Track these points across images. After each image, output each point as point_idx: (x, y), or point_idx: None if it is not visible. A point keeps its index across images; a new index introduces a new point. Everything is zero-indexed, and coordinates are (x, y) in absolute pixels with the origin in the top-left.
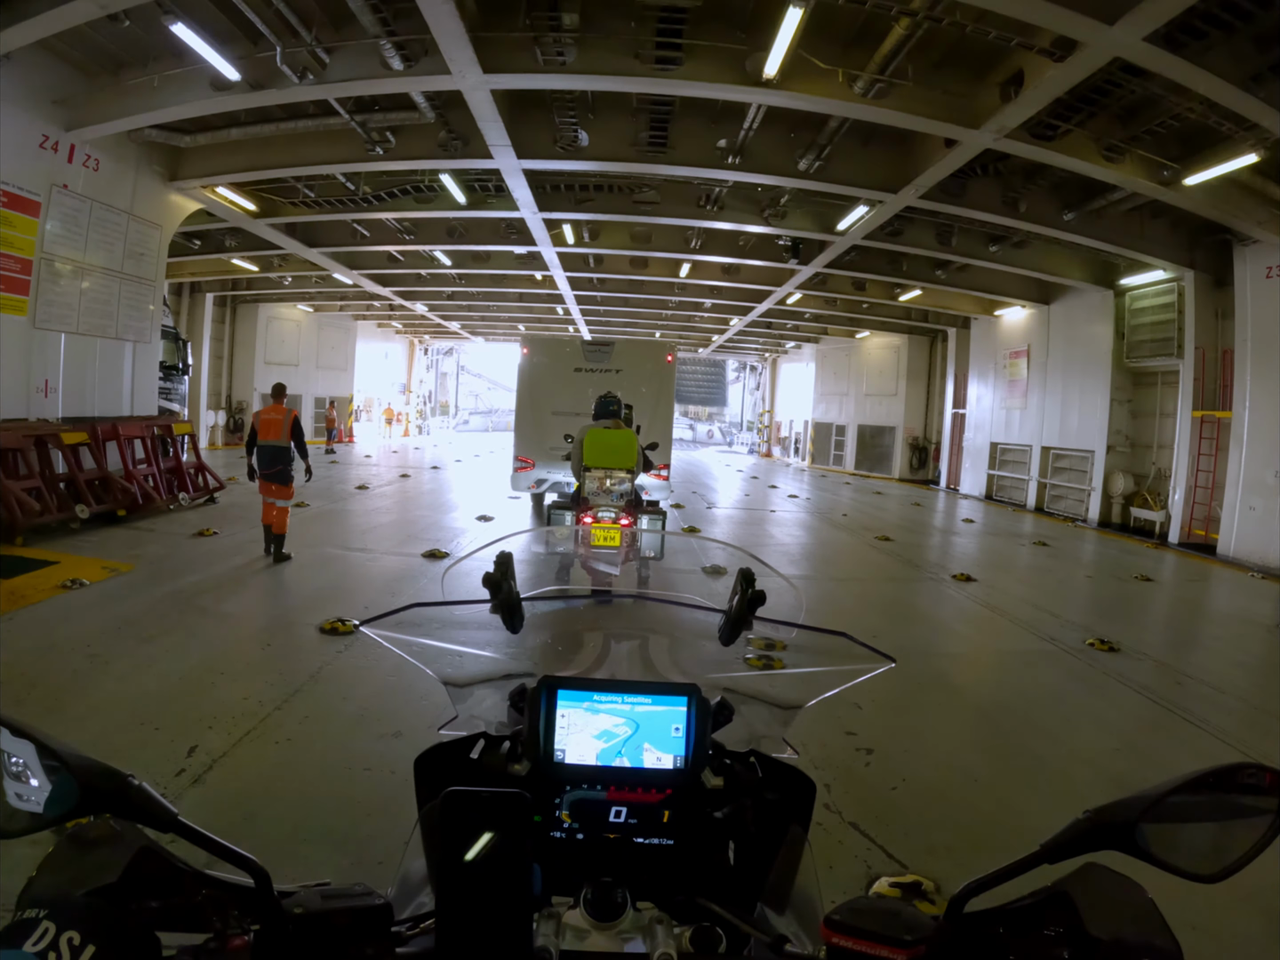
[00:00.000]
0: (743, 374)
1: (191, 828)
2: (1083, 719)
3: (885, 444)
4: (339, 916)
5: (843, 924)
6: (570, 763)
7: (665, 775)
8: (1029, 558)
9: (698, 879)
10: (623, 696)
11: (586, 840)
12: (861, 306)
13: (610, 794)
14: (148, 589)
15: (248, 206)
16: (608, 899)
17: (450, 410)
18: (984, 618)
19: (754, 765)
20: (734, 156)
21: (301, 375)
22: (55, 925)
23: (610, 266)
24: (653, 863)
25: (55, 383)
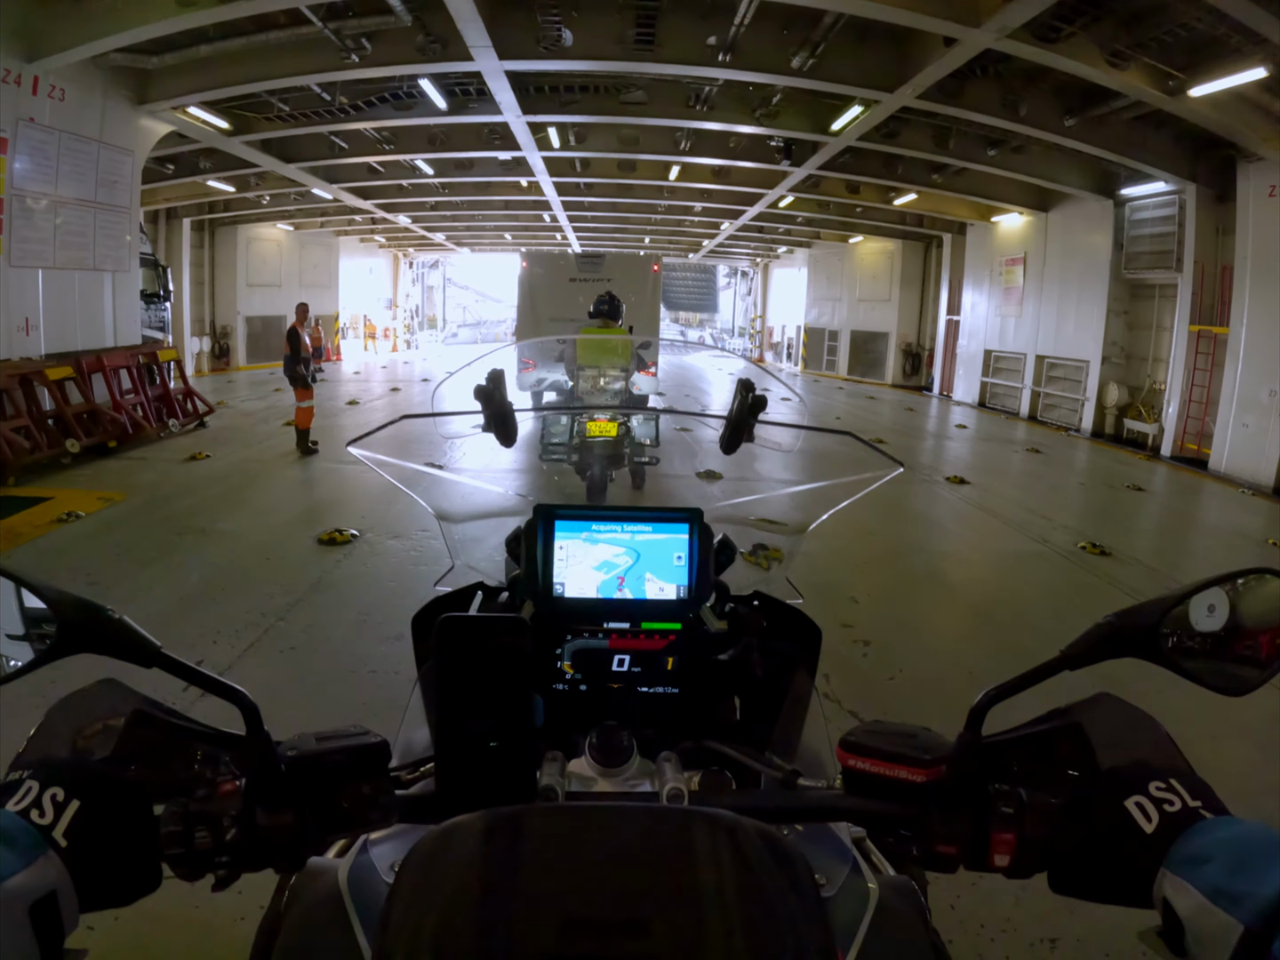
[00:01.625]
0: (734, 280)
1: (176, 660)
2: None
3: (878, 350)
4: (334, 755)
5: (859, 745)
6: (570, 596)
7: (668, 606)
8: (1022, 463)
9: (704, 728)
10: (622, 525)
11: (590, 691)
12: (855, 210)
13: (612, 642)
14: (143, 515)
15: (220, 125)
16: (613, 743)
17: (438, 324)
18: (977, 519)
19: (758, 609)
20: (725, 54)
21: (285, 295)
22: (39, 783)
23: (598, 171)
24: (658, 712)
25: (36, 320)
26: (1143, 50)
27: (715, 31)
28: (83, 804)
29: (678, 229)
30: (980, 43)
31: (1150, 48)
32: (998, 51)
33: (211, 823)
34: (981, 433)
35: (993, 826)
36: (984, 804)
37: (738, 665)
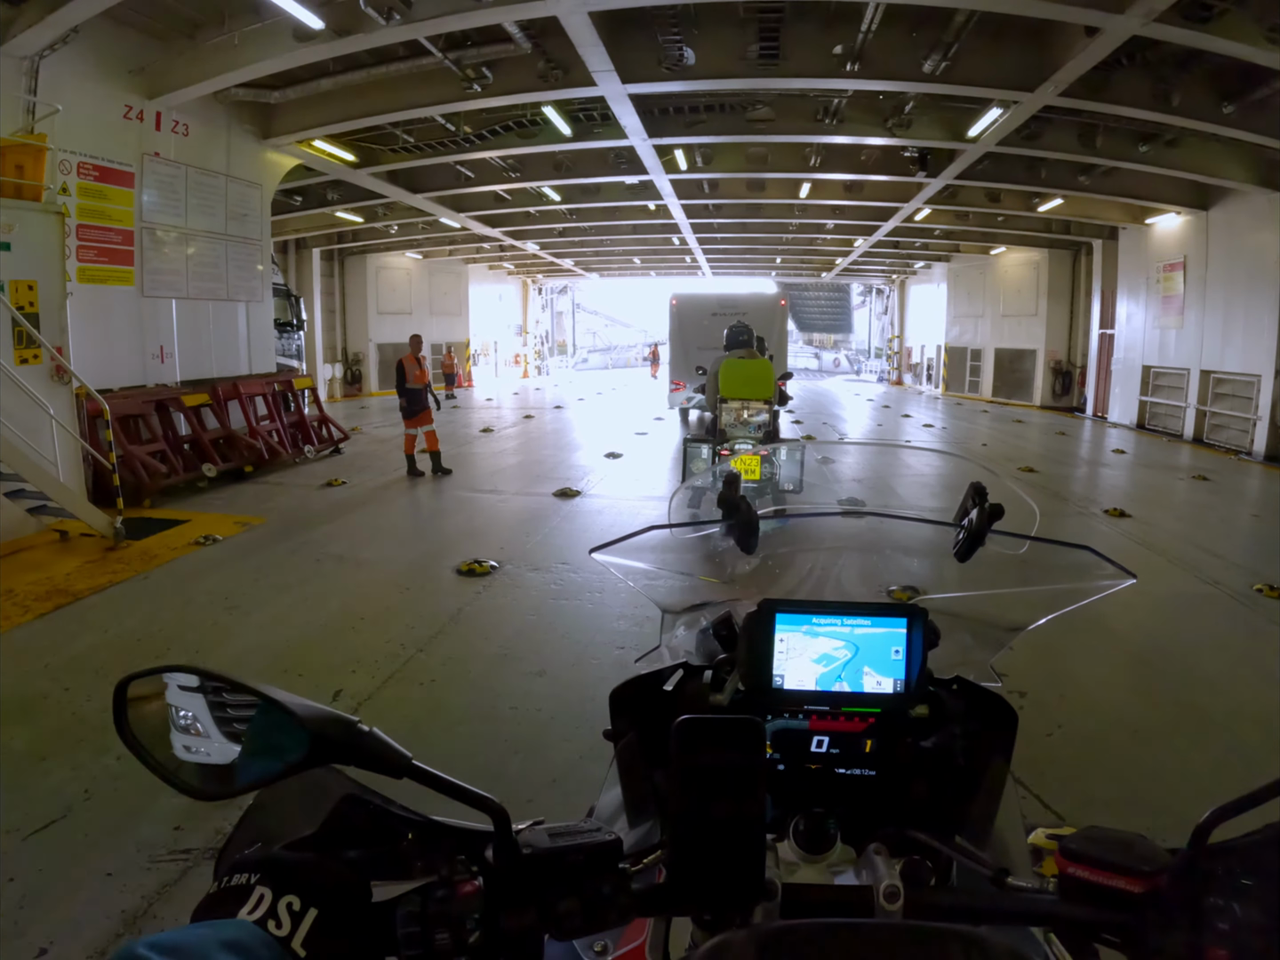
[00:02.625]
0: (868, 298)
1: (428, 771)
2: (1249, 671)
3: (1025, 368)
4: (572, 854)
5: (1079, 853)
6: (789, 688)
7: (885, 700)
8: (1188, 493)
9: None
10: (842, 619)
11: (788, 771)
12: (996, 220)
13: (812, 723)
14: (281, 540)
15: (346, 158)
16: (819, 830)
17: (568, 349)
18: (1139, 556)
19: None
20: (852, 63)
21: (415, 323)
22: (271, 890)
23: (726, 191)
24: (853, 795)
25: (170, 348)
26: None
27: (841, 40)
28: (321, 913)
29: (809, 248)
30: (1125, 29)
31: None
32: (1145, 38)
33: (453, 924)
34: (1141, 458)
35: (1207, 941)
36: (1199, 919)
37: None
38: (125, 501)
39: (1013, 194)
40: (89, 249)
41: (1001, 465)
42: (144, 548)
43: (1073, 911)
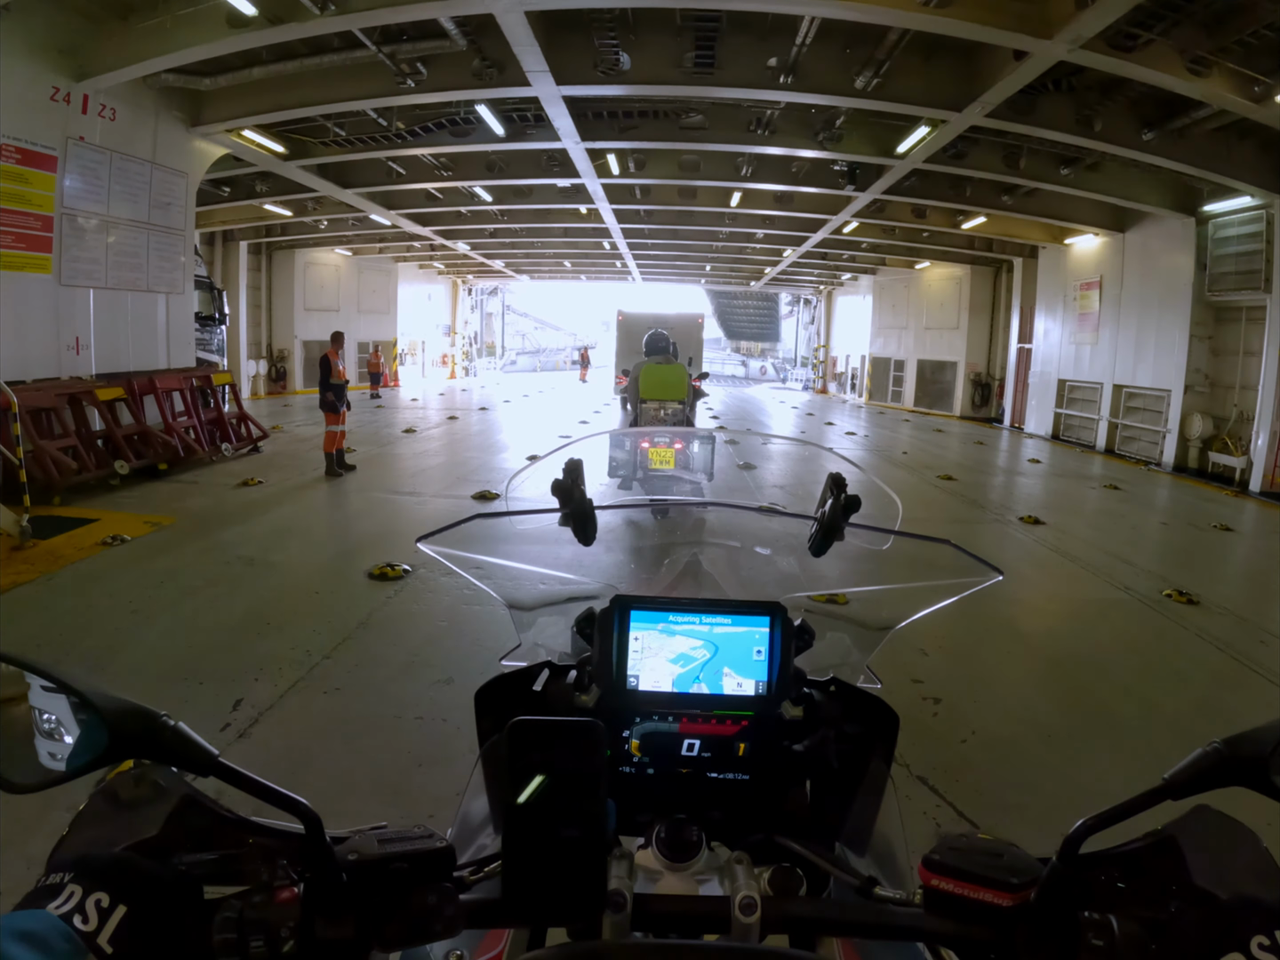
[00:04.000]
0: (796, 308)
1: (234, 769)
2: (1160, 674)
3: (946, 380)
4: (397, 862)
5: (942, 864)
6: (644, 689)
7: (746, 701)
8: (1100, 501)
9: (773, 817)
10: (701, 617)
11: (657, 775)
12: (922, 235)
13: (683, 726)
14: (191, 541)
15: (276, 149)
16: (681, 837)
17: (497, 351)
18: (1053, 563)
19: (835, 695)
20: (786, 75)
21: (343, 320)
22: (82, 888)
23: (658, 198)
24: (726, 799)
25: (87, 339)
26: (1226, 55)
27: (776, 52)
28: (130, 910)
29: (739, 256)
30: (1053, 55)
31: (1234, 52)
32: (1071, 64)
33: (268, 931)
34: (1056, 468)
35: (1082, 956)
36: (1073, 934)
37: (812, 754)
38: (33, 499)
39: (938, 211)
40: (6, 234)
41: (921, 473)
42: (51, 547)
43: (936, 926)
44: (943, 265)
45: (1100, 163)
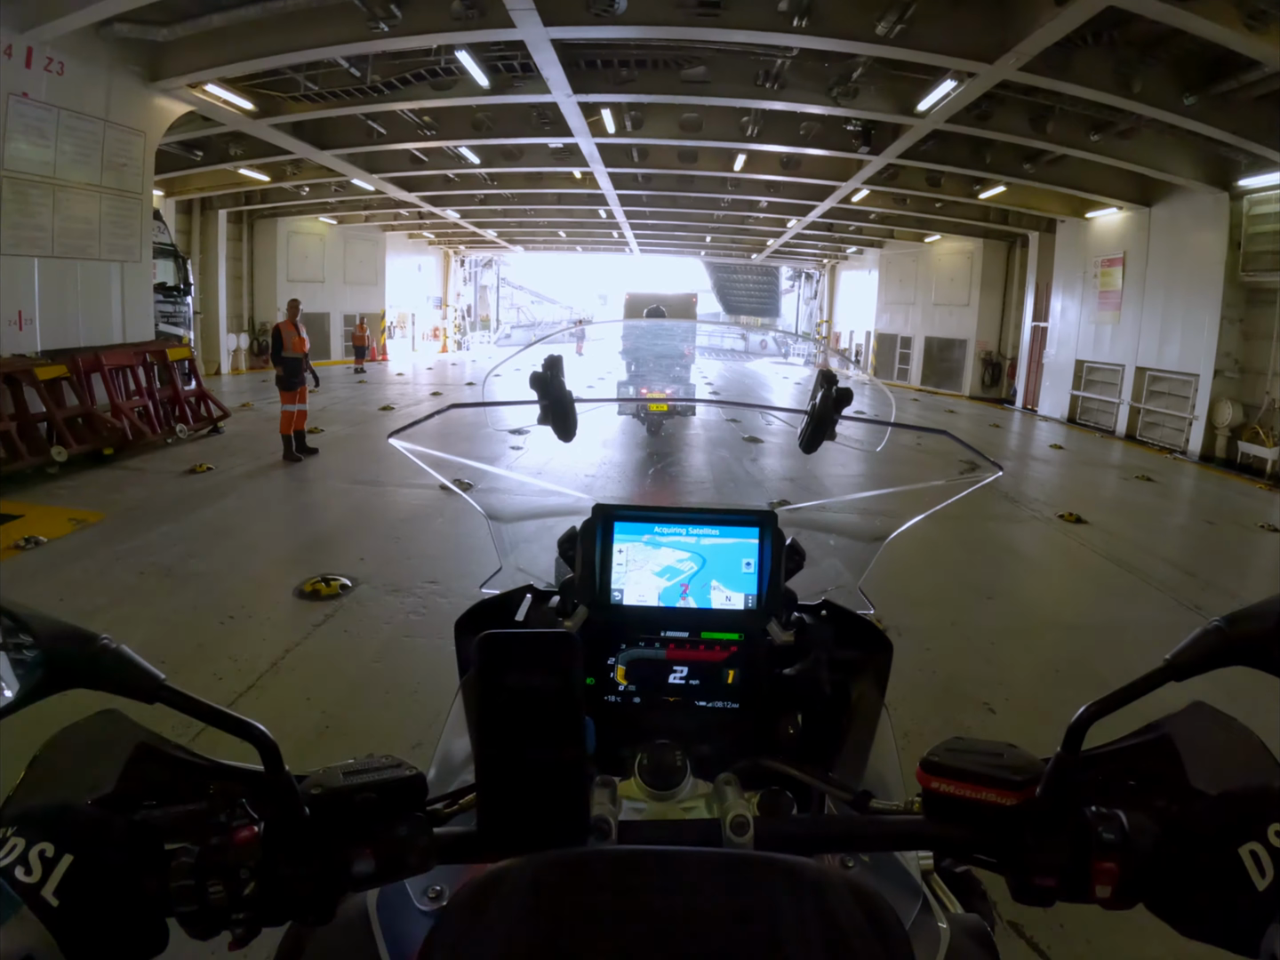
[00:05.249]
0: (798, 282)
1: (182, 693)
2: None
3: (955, 358)
4: (363, 793)
5: (941, 765)
6: (629, 604)
7: (735, 617)
8: (1136, 495)
9: (764, 745)
10: (688, 528)
11: (644, 704)
12: (935, 206)
13: (670, 652)
14: (112, 543)
15: (244, 105)
16: (665, 764)
17: (491, 324)
18: (1108, 574)
19: (826, 619)
20: (800, 18)
21: (328, 292)
22: (25, 839)
23: (656, 160)
24: (716, 728)
25: (31, 313)
26: None
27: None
28: (76, 859)
29: (741, 226)
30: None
31: None
32: (1113, 16)
33: (227, 875)
34: (1080, 455)
35: (1093, 854)
36: (1082, 830)
37: (804, 680)
38: None
39: (954, 179)
40: None
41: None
42: None
43: (938, 831)
44: (954, 239)
45: (1134, 129)
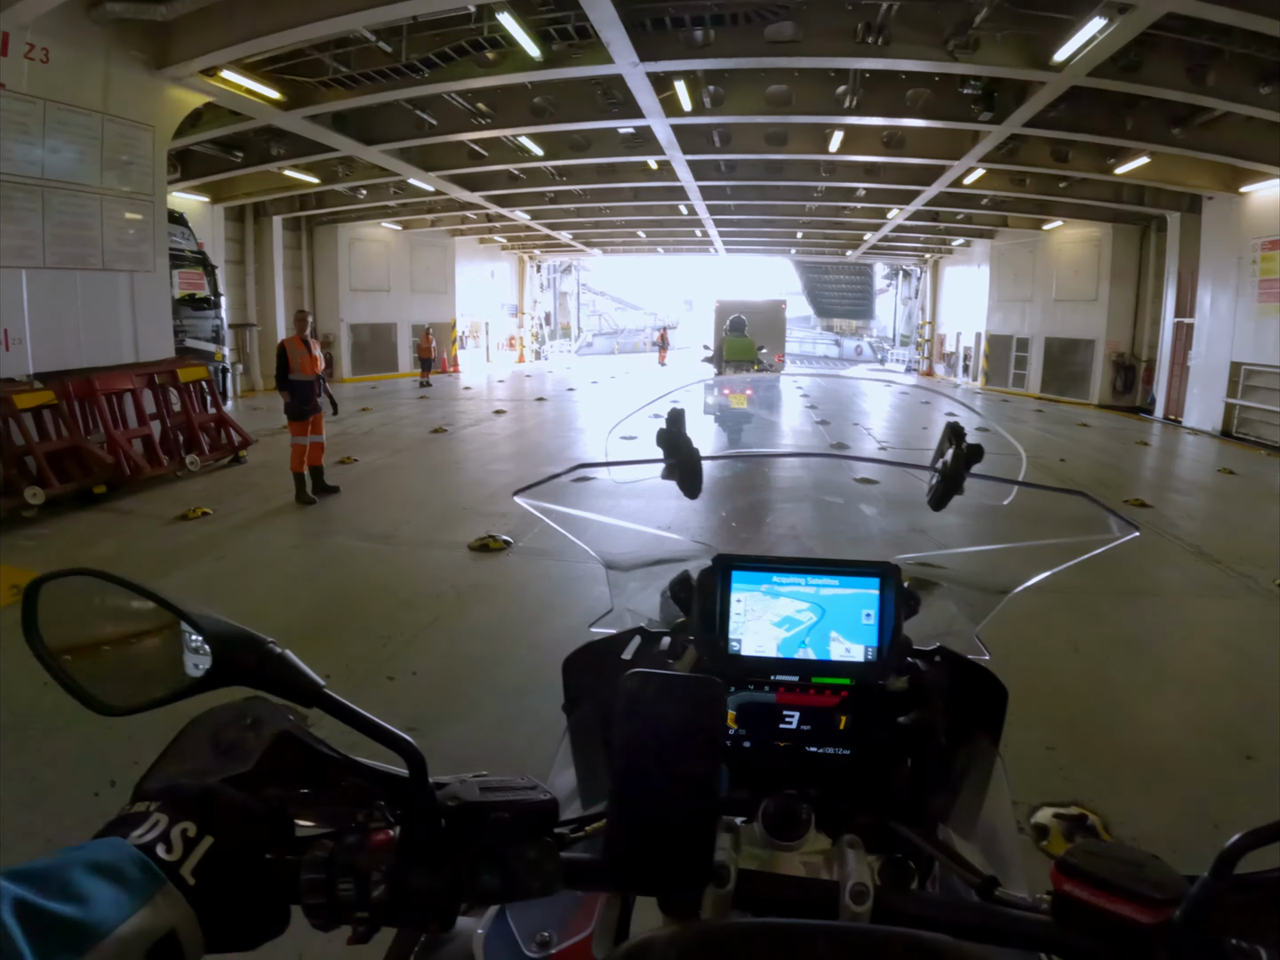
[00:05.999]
0: (894, 281)
1: (339, 701)
2: None
3: (1080, 361)
4: (499, 811)
5: (1079, 869)
6: (747, 654)
7: (853, 669)
8: None
9: (876, 796)
10: (806, 578)
11: (754, 749)
12: (1058, 186)
13: (780, 696)
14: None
15: (269, 94)
16: (790, 815)
17: (572, 333)
18: None
19: (941, 665)
20: None
21: (395, 301)
22: (168, 816)
23: (740, 144)
24: (826, 775)
25: (19, 332)
26: None
27: None
28: (217, 841)
29: (835, 219)
30: None
31: None
32: None
33: (358, 876)
34: (1262, 484)
35: None
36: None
37: (919, 728)
38: None
39: (1086, 151)
40: None
41: (1097, 493)
42: None
43: (1068, 939)
44: (1077, 225)
45: None
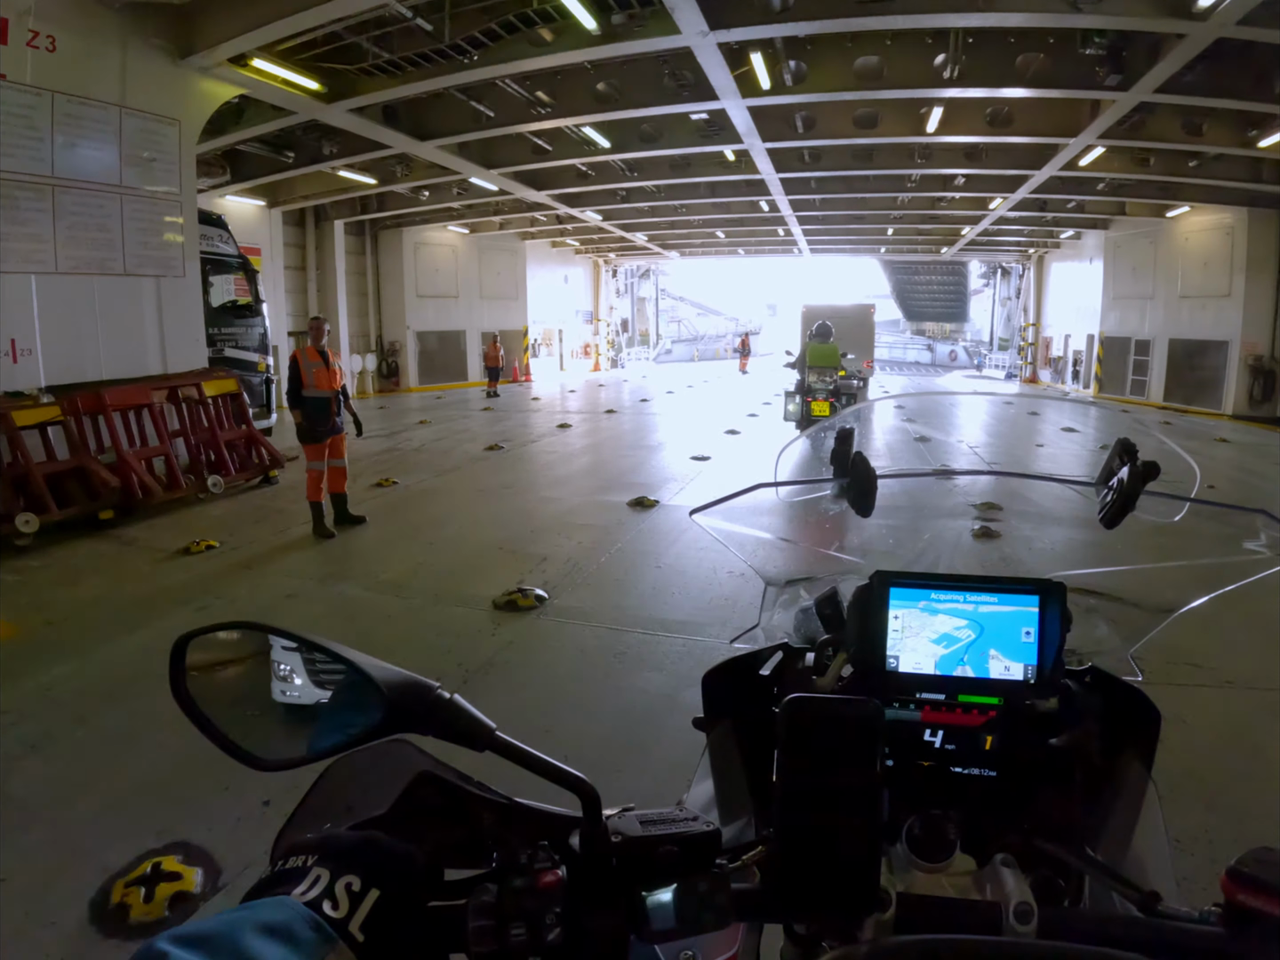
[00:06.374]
0: (992, 280)
1: (512, 744)
2: None
3: (1211, 365)
4: (666, 844)
5: (1254, 878)
6: (905, 671)
7: (1015, 688)
8: None
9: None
10: (965, 595)
11: (896, 767)
12: (1188, 165)
13: (925, 714)
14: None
15: (307, 85)
16: (938, 835)
17: (650, 339)
18: None
19: (1093, 686)
20: None
21: (463, 308)
22: (329, 870)
23: (826, 129)
24: (971, 796)
25: (29, 342)
26: None
27: None
28: (383, 894)
29: (930, 212)
30: None
31: None
32: None
33: (530, 918)
34: None
35: None
36: None
37: (1071, 751)
38: None
39: (1223, 121)
40: None
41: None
42: None
43: (1242, 948)
44: (1206, 211)
45: None
